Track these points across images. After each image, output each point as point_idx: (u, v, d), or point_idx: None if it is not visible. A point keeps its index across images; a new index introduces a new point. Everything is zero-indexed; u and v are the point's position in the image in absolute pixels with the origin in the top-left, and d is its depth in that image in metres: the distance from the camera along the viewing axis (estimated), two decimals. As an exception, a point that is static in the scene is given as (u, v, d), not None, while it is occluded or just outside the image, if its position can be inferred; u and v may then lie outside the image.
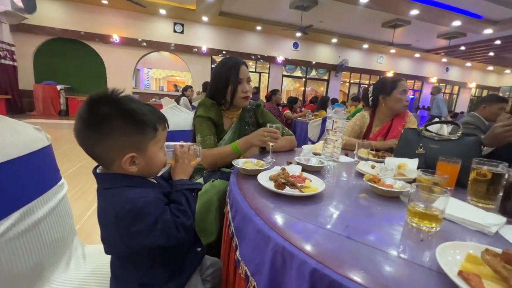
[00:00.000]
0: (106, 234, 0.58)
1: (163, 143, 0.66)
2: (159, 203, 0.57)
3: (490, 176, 0.72)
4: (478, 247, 0.45)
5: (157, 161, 0.64)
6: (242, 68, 1.22)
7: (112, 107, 0.55)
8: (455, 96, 13.56)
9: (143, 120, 0.58)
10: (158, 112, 0.64)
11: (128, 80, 8.24)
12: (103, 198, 0.58)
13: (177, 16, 8.18)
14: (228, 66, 1.22)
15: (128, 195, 0.54)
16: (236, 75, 1.20)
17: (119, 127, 0.56)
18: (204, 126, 1.20)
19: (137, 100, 0.60)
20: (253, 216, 0.58)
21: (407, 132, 1.11)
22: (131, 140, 0.57)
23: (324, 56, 10.35)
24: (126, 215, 0.52)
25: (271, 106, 4.01)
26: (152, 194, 0.58)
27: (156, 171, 0.68)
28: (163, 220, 0.55)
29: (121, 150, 0.57)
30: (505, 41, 8.39)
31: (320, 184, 0.77)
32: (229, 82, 1.20)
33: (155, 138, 0.61)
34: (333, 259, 0.43)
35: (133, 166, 0.59)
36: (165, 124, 0.65)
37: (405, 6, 6.38)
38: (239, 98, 1.23)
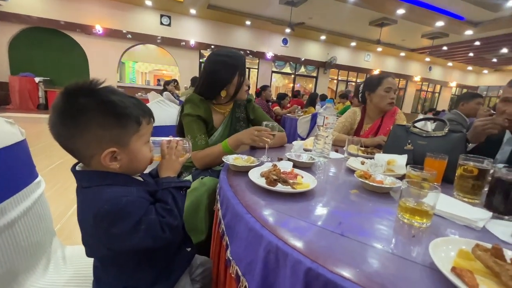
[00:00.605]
0: (86, 236, 0.54)
1: (148, 138, 0.63)
2: (142, 202, 0.54)
3: (477, 172, 0.74)
4: (469, 242, 0.46)
5: (142, 157, 0.60)
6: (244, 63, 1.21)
7: (90, 99, 0.51)
8: (437, 94, 14.07)
9: (124, 113, 0.54)
10: (142, 105, 0.60)
11: (113, 73, 7.93)
12: (82, 197, 0.54)
13: (164, 8, 7.92)
14: (234, 59, 1.18)
15: (108, 195, 0.51)
16: (244, 67, 1.18)
17: (97, 120, 0.52)
18: (194, 126, 1.14)
19: (119, 92, 0.56)
20: (244, 214, 0.56)
21: (396, 129, 1.13)
22: (111, 134, 0.53)
23: (313, 53, 10.41)
24: (105, 216, 0.49)
25: (261, 102, 3.98)
26: (135, 193, 0.54)
27: (142, 168, 0.64)
28: (148, 221, 0.52)
29: (100, 144, 0.53)
30: (484, 43, 8.77)
31: (312, 180, 0.76)
32: (235, 75, 1.17)
33: (139, 132, 0.57)
34: (327, 258, 0.42)
35: (114, 162, 0.55)
36: (150, 118, 0.61)
37: (392, 5, 6.50)
38: (243, 91, 1.22)
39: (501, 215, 0.65)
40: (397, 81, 12.28)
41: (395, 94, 1.54)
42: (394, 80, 1.58)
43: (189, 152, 0.78)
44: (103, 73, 7.58)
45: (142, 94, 7.73)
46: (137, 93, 7.84)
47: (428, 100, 14.04)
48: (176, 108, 1.62)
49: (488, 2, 6.04)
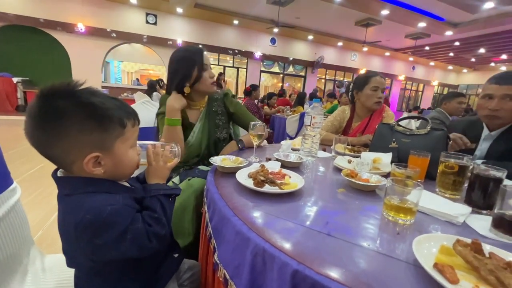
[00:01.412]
0: (67, 246, 0.52)
1: (134, 141, 0.60)
2: (128, 210, 0.52)
3: (457, 168, 0.77)
4: (450, 238, 0.47)
5: (128, 162, 0.58)
6: (205, 54, 1.18)
7: (69, 102, 0.49)
8: (420, 93, 14.55)
9: (106, 115, 0.52)
10: (126, 107, 0.57)
11: (97, 73, 7.68)
12: (63, 205, 0.52)
13: (150, 6, 7.75)
14: (191, 53, 1.16)
15: (91, 203, 0.48)
16: (200, 60, 1.16)
17: (77, 124, 0.49)
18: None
19: (101, 94, 0.53)
20: (231, 216, 0.56)
21: (381, 127, 1.15)
22: (92, 139, 0.51)
23: (301, 52, 10.50)
24: (88, 226, 0.46)
25: (250, 102, 3.97)
26: (121, 200, 0.52)
27: (128, 173, 0.62)
28: (134, 230, 0.50)
29: (82, 150, 0.50)
30: (463, 43, 9.14)
31: (300, 180, 0.76)
32: (194, 68, 1.14)
33: (123, 135, 0.55)
34: (314, 259, 0.42)
35: (98, 167, 0.53)
36: (135, 120, 0.58)
37: (376, 5, 6.66)
38: (208, 84, 1.19)
39: (480, 210, 0.67)
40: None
41: (383, 93, 1.55)
42: (383, 79, 1.56)
43: (178, 157, 0.77)
44: (87, 73, 7.33)
45: (128, 94, 7.54)
46: (123, 94, 7.65)
47: (412, 98, 14.50)
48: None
49: (466, 3, 6.29)
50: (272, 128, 4.20)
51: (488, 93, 1.13)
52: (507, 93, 1.07)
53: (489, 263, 0.40)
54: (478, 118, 1.26)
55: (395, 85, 13.15)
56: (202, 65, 1.16)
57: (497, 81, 1.10)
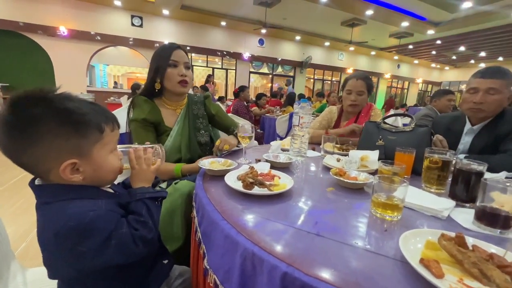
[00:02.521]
0: (48, 256, 0.49)
1: (114, 146, 0.59)
2: (112, 215, 0.51)
3: (441, 163, 0.79)
4: (435, 232, 0.48)
5: (108, 167, 0.56)
6: (177, 51, 1.13)
7: (42, 108, 0.47)
8: (406, 90, 14.95)
9: (83, 120, 0.50)
10: (104, 111, 0.56)
11: (81, 77, 7.46)
12: (43, 214, 0.49)
13: (135, 8, 7.61)
14: (161, 49, 1.13)
15: (72, 210, 0.47)
16: (167, 56, 1.11)
17: (52, 131, 0.47)
18: (142, 133, 1.09)
19: (76, 98, 0.52)
20: (220, 220, 0.55)
21: (368, 125, 1.17)
22: (69, 145, 0.49)
23: (289, 53, 10.58)
24: (69, 234, 0.45)
25: (239, 103, 3.96)
26: (104, 206, 0.50)
27: (110, 178, 0.60)
28: (119, 235, 0.48)
29: (57, 157, 0.48)
30: (444, 41, 9.47)
31: (289, 181, 0.76)
32: (161, 63, 1.10)
33: (102, 140, 0.53)
34: (303, 260, 0.42)
35: (76, 174, 0.51)
36: (114, 125, 0.57)
37: (361, 6, 6.81)
38: (175, 82, 1.12)
39: (464, 203, 0.69)
40: (369, 78, 12.85)
41: (360, 96, 1.53)
42: (359, 81, 1.52)
43: (162, 159, 0.75)
44: (71, 77, 7.13)
45: (115, 98, 7.37)
46: (109, 98, 7.47)
47: (398, 96, 14.87)
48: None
49: (446, 3, 6.53)
50: (262, 129, 4.20)
51: (473, 86, 1.17)
52: (491, 86, 1.11)
53: (472, 256, 0.41)
54: (461, 113, 1.30)
55: (381, 83, 13.46)
56: (168, 61, 1.11)
57: (482, 75, 1.14)
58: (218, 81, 11.09)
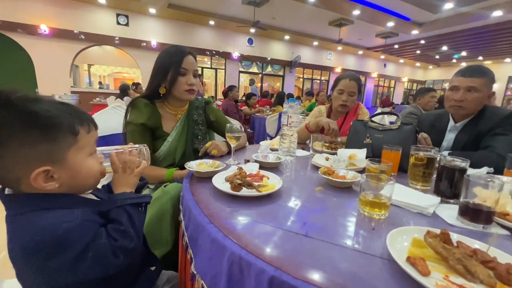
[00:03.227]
0: (18, 270, 0.46)
1: (93, 149, 0.55)
2: (88, 226, 0.48)
3: (426, 160, 0.80)
4: (421, 230, 0.48)
5: (88, 172, 0.53)
6: (188, 58, 1.10)
7: (4, 112, 0.43)
8: (392, 89, 15.33)
9: (52, 124, 0.46)
10: (78, 112, 0.52)
11: (65, 77, 7.20)
12: (11, 227, 0.46)
13: (120, 7, 7.42)
14: (171, 53, 1.09)
15: (43, 221, 0.43)
16: (178, 63, 1.08)
17: (17, 136, 0.44)
18: (136, 136, 1.06)
19: (43, 100, 0.48)
20: (206, 224, 0.53)
21: (356, 124, 1.18)
22: (38, 151, 0.45)
23: (278, 52, 10.61)
24: (39, 248, 0.42)
25: (228, 103, 3.93)
26: (80, 216, 0.47)
27: (91, 184, 0.57)
28: (96, 247, 0.46)
29: (26, 165, 0.45)
30: (428, 41, 9.77)
31: (278, 181, 0.75)
32: (170, 69, 1.07)
33: (77, 144, 0.50)
34: (291, 263, 0.41)
35: (51, 182, 0.48)
36: (91, 126, 0.54)
37: (347, 6, 6.91)
38: (182, 90, 1.10)
39: (448, 199, 0.71)
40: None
41: (351, 97, 1.52)
42: (352, 82, 1.51)
43: (147, 160, 0.73)
44: (54, 78, 6.88)
45: (101, 99, 7.16)
46: (95, 98, 7.24)
47: (385, 94, 15.22)
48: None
49: (429, 4, 6.72)
50: (252, 129, 4.19)
51: (454, 84, 1.20)
52: (470, 85, 1.14)
53: (457, 252, 0.41)
54: (445, 111, 1.33)
55: (369, 82, 13.73)
56: (178, 68, 1.08)
57: (463, 73, 1.18)
58: (208, 81, 10.98)
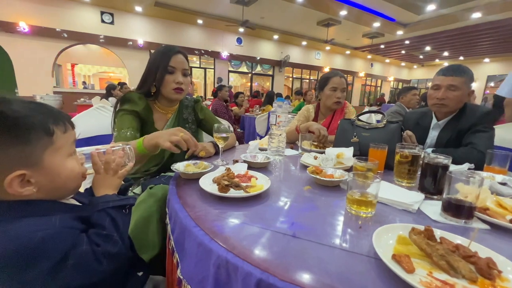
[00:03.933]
0: None
1: (72, 149, 0.53)
2: (67, 233, 0.45)
3: (410, 158, 0.82)
4: (406, 227, 0.49)
5: (68, 174, 0.51)
6: (177, 56, 1.09)
7: None
8: (379, 88, 15.70)
9: (23, 125, 0.44)
10: (52, 111, 0.49)
11: (46, 77, 6.93)
12: None
13: (104, 4, 7.21)
14: (160, 52, 1.08)
15: (17, 230, 0.41)
16: (166, 61, 1.07)
17: None
18: (125, 119, 1.04)
19: (12, 100, 0.45)
20: (193, 227, 0.52)
21: (343, 123, 1.19)
22: (10, 155, 0.43)
23: (268, 52, 10.64)
24: (12, 259, 0.39)
25: (218, 102, 3.89)
26: (58, 223, 0.45)
27: (72, 187, 0.55)
28: (78, 254, 0.44)
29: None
30: (412, 41, 10.06)
31: (266, 181, 0.75)
32: (159, 68, 1.06)
33: (53, 145, 0.48)
34: (278, 265, 0.41)
35: (28, 187, 0.45)
36: (67, 125, 0.51)
37: (335, 6, 7.02)
38: (169, 89, 1.09)
39: (432, 196, 0.72)
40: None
41: (343, 93, 1.56)
42: (342, 79, 1.56)
43: (132, 160, 0.70)
44: (35, 78, 6.61)
45: (86, 99, 6.93)
46: (79, 99, 7.01)
47: (372, 93, 15.57)
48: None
49: (412, 5, 6.92)
50: (242, 128, 4.18)
51: (436, 83, 1.24)
52: (451, 83, 1.18)
53: (440, 248, 0.42)
54: (429, 109, 1.37)
55: (356, 81, 14.00)
56: (166, 66, 1.07)
57: (444, 72, 1.22)
58: (197, 81, 10.86)
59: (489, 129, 1.15)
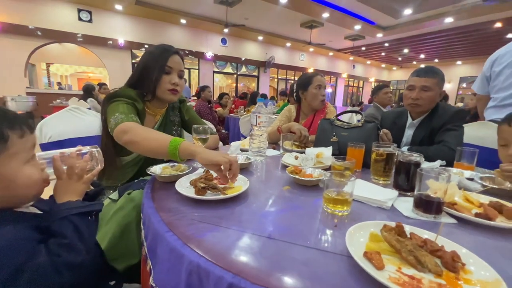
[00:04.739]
0: None
1: (30, 155, 0.50)
2: (22, 244, 0.42)
3: (385, 156, 0.84)
4: (377, 224, 0.50)
5: (25, 181, 0.47)
6: (175, 57, 1.05)
7: None
8: (361, 89, 16.20)
9: None
10: (5, 114, 0.46)
11: (19, 77, 6.52)
12: None
13: (82, 2, 6.91)
14: (157, 51, 1.04)
15: None
16: (163, 61, 1.02)
17: None
18: (125, 106, 0.95)
19: None
20: (165, 232, 0.50)
21: (323, 123, 1.21)
22: None
23: (253, 52, 10.66)
24: None
25: (201, 103, 3.84)
26: (12, 234, 0.42)
27: (32, 194, 0.51)
28: (33, 266, 0.41)
29: None
30: (391, 44, 10.47)
31: (245, 182, 0.74)
32: (155, 68, 1.01)
33: (7, 150, 0.45)
34: (252, 268, 0.40)
35: None
36: (24, 129, 0.48)
37: (317, 8, 7.16)
38: (165, 90, 1.05)
39: (405, 193, 0.75)
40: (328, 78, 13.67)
41: (325, 91, 1.62)
42: (323, 78, 1.63)
43: (100, 164, 0.67)
44: (5, 78, 6.22)
45: (62, 100, 6.60)
46: (55, 100, 6.66)
47: (355, 94, 16.04)
48: (96, 116, 1.41)
49: (391, 9, 7.20)
50: (227, 129, 4.15)
51: (410, 84, 1.29)
52: (424, 84, 1.23)
53: (409, 244, 0.43)
54: (405, 109, 1.42)
55: (339, 83, 14.36)
56: (164, 66, 1.02)
57: (417, 74, 1.27)
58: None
59: (459, 127, 1.21)
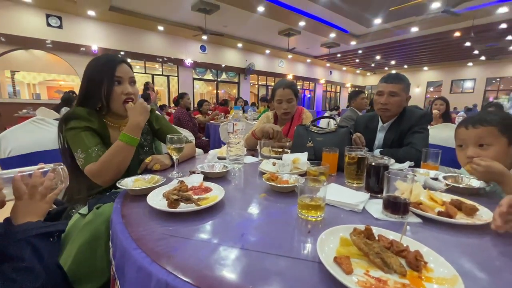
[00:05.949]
0: None
1: None
2: None
3: (357, 159, 0.87)
4: (348, 228, 0.51)
5: None
6: (122, 66, 1.01)
7: None
8: (338, 94, 16.84)
9: None
10: None
11: (-22, 86, 6.05)
12: None
13: (50, 7, 6.60)
14: (101, 63, 0.99)
15: None
16: (111, 72, 0.98)
17: None
18: (83, 137, 0.93)
19: None
20: (133, 249, 0.48)
21: (299, 129, 1.23)
22: None
23: (232, 59, 10.73)
24: None
25: (180, 111, 3.77)
26: None
27: None
28: None
29: None
30: (364, 51, 11.06)
31: (220, 192, 0.73)
32: (102, 82, 0.97)
33: None
34: (222, 282, 0.39)
35: None
36: None
37: (294, 17, 7.41)
38: (119, 104, 1.00)
39: (376, 195, 0.77)
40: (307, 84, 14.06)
41: (289, 104, 1.56)
42: (286, 90, 1.54)
43: (65, 181, 0.63)
44: (-39, 87, 5.71)
45: (29, 110, 6.17)
46: (21, 110, 6.21)
47: (333, 99, 16.64)
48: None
49: (363, 18, 7.63)
50: (207, 136, 4.10)
51: (379, 89, 1.37)
52: (391, 90, 1.31)
53: (376, 246, 0.45)
54: (376, 113, 1.49)
55: (318, 88, 14.85)
56: (112, 77, 0.98)
57: (385, 80, 1.35)
58: (161, 89, 10.44)
59: (424, 130, 1.29)
